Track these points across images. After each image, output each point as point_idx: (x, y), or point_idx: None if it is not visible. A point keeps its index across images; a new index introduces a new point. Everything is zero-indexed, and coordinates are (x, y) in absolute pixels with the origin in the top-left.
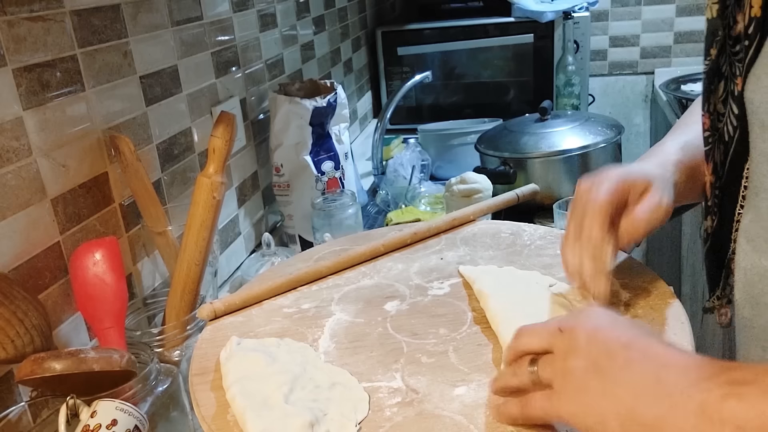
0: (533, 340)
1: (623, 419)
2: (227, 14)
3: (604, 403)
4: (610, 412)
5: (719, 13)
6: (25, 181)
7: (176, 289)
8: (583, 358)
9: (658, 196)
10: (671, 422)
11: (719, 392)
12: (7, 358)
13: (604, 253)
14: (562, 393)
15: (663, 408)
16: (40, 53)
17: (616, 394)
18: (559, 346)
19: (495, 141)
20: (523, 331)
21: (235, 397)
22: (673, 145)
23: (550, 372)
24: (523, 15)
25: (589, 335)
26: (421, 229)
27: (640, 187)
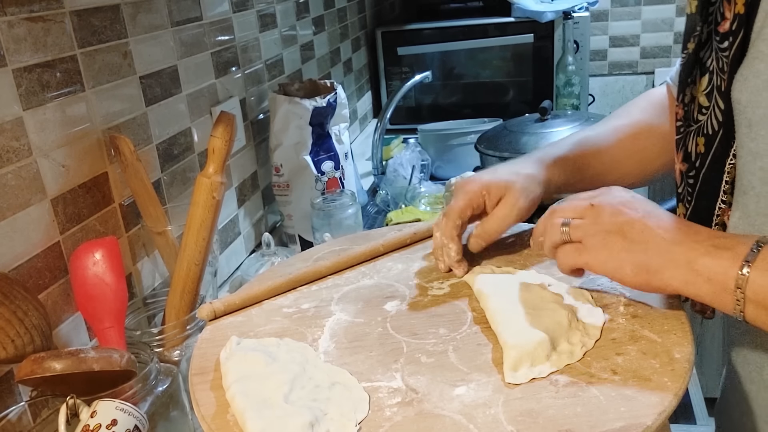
0: (568, 212)
1: (636, 266)
2: (227, 14)
3: (623, 255)
4: (627, 261)
5: (698, 8)
6: (25, 181)
7: (176, 289)
8: (610, 224)
9: (512, 200)
10: (668, 270)
11: (701, 250)
12: (7, 357)
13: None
14: (591, 247)
15: (665, 259)
16: (40, 53)
17: (632, 249)
18: (589, 215)
19: (495, 141)
20: (558, 207)
21: (235, 397)
22: (569, 139)
23: (581, 232)
24: (523, 15)
25: (614, 207)
26: (421, 229)
27: (496, 194)
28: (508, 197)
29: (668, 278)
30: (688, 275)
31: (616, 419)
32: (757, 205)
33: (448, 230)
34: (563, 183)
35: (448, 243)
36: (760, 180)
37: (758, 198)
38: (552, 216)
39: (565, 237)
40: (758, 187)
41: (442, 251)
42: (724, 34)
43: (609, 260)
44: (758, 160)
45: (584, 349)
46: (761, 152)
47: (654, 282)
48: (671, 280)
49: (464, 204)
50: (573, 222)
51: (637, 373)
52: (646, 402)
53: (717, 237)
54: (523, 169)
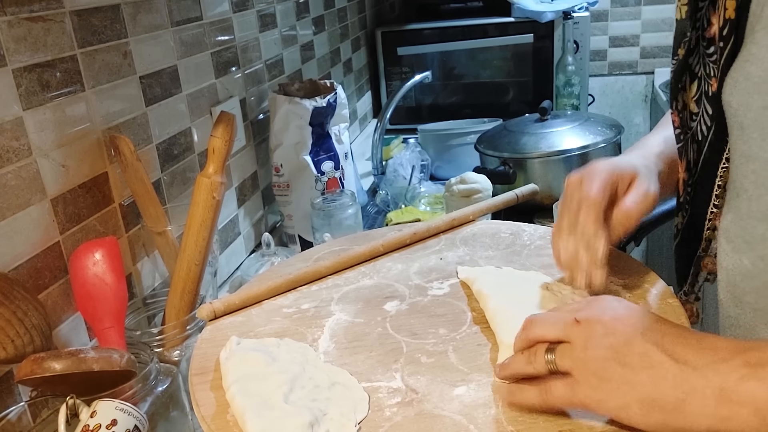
0: (549, 330)
1: (645, 404)
2: (227, 14)
3: (626, 389)
4: (632, 399)
5: (688, 14)
6: (25, 181)
7: (176, 289)
8: (603, 348)
9: (645, 184)
10: (691, 405)
11: (737, 374)
12: (7, 357)
13: (598, 245)
14: (583, 382)
15: (682, 392)
16: (40, 53)
17: (637, 381)
18: (577, 336)
19: (495, 141)
20: (537, 320)
21: (235, 397)
22: (655, 138)
23: (569, 362)
24: (522, 15)
25: (606, 325)
26: (421, 229)
27: (627, 179)
28: (638, 182)
29: (694, 415)
30: (723, 408)
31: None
32: (750, 207)
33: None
34: (665, 180)
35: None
36: (752, 183)
37: (750, 201)
38: (529, 331)
39: (551, 367)
40: (751, 190)
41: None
42: (711, 40)
43: (609, 399)
44: (751, 162)
45: None
46: (753, 155)
47: (674, 422)
48: (699, 418)
49: (603, 188)
50: (559, 348)
51: None
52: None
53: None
54: (637, 161)
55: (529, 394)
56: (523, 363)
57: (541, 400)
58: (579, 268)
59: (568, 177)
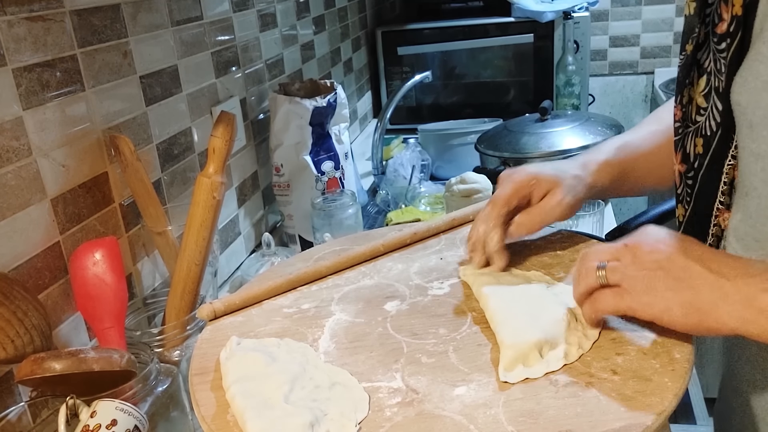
0: (602, 254)
1: (685, 306)
2: (227, 14)
3: (670, 295)
4: (675, 303)
5: (697, 11)
6: (25, 181)
7: (176, 289)
8: (650, 262)
9: (560, 196)
10: (722, 307)
11: (762, 286)
12: (7, 358)
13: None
14: (632, 290)
15: (717, 297)
16: (40, 53)
17: (679, 288)
18: (625, 256)
19: (495, 141)
20: (591, 251)
21: (235, 397)
22: (609, 145)
23: (619, 275)
24: (523, 15)
25: (651, 245)
26: (421, 229)
27: (545, 186)
28: (556, 191)
29: (723, 317)
30: (747, 313)
31: (616, 419)
32: (759, 206)
33: (493, 218)
34: (607, 187)
35: (492, 230)
36: (761, 181)
37: (760, 199)
38: (585, 260)
39: (602, 280)
40: (760, 188)
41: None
42: (722, 36)
43: (655, 302)
44: (760, 161)
45: (580, 351)
46: (762, 153)
47: (707, 322)
48: (727, 319)
49: (511, 192)
50: (609, 264)
51: (637, 373)
52: (646, 402)
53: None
54: (570, 169)
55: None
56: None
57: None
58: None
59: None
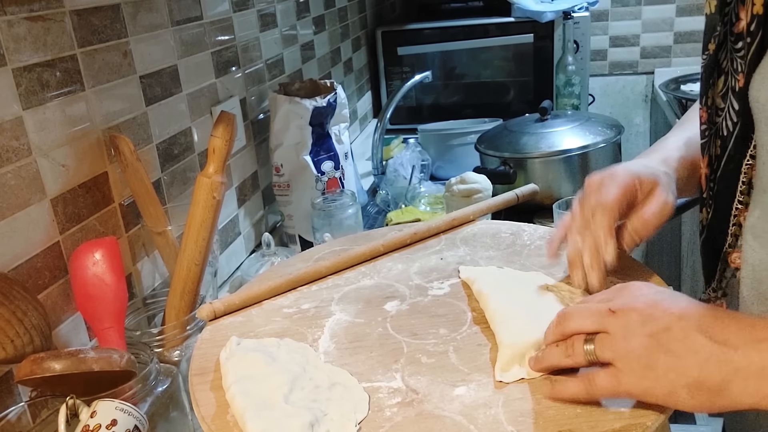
0: (584, 322)
1: (692, 388)
2: (227, 14)
3: (672, 375)
4: (679, 384)
5: (718, 8)
6: (24, 181)
7: (176, 289)
8: (644, 336)
9: (664, 195)
10: (736, 385)
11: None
12: (7, 358)
13: (607, 251)
14: (628, 371)
15: (727, 373)
16: (40, 53)
17: (682, 366)
18: (615, 326)
19: (495, 141)
20: (570, 313)
21: (235, 397)
22: (675, 141)
23: (610, 352)
24: (523, 15)
25: (642, 313)
26: (421, 229)
27: (647, 187)
28: (659, 191)
29: (738, 395)
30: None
31: (616, 419)
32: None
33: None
34: (684, 185)
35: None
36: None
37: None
38: (564, 325)
39: (591, 358)
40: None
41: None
42: (739, 35)
43: (657, 386)
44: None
45: None
46: None
47: (719, 402)
48: (742, 397)
49: (621, 195)
50: (597, 338)
51: None
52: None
53: None
54: (657, 167)
55: (573, 387)
56: (560, 355)
57: (585, 392)
58: (579, 268)
59: (588, 177)
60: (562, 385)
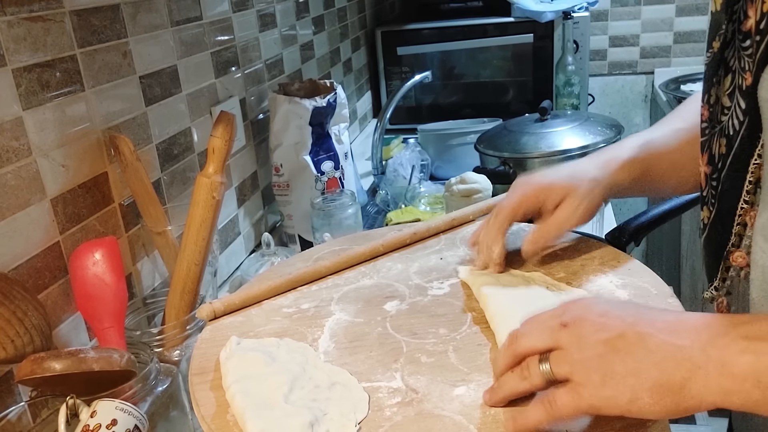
0: (536, 340)
1: (654, 391)
2: (227, 14)
3: (632, 380)
4: (641, 388)
5: (723, 6)
6: (24, 181)
7: (176, 289)
8: (599, 345)
9: (575, 204)
10: (696, 383)
11: (736, 348)
12: (7, 358)
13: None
14: (587, 383)
15: (687, 371)
16: (40, 53)
17: (641, 370)
18: (568, 340)
19: (495, 141)
20: (520, 333)
21: (235, 397)
22: (633, 142)
23: (567, 367)
24: (522, 15)
25: (594, 323)
26: (421, 229)
27: (558, 195)
28: (570, 200)
29: (700, 393)
30: (726, 382)
31: (616, 419)
32: None
33: (493, 230)
34: (627, 186)
35: (492, 245)
36: None
37: None
38: (516, 346)
39: (548, 377)
40: None
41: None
42: (747, 33)
43: (618, 394)
44: None
45: None
46: None
47: (683, 403)
48: (705, 394)
49: (517, 204)
50: (552, 355)
51: None
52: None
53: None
54: (588, 172)
55: (533, 414)
56: (516, 380)
57: (547, 415)
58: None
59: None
60: (522, 416)
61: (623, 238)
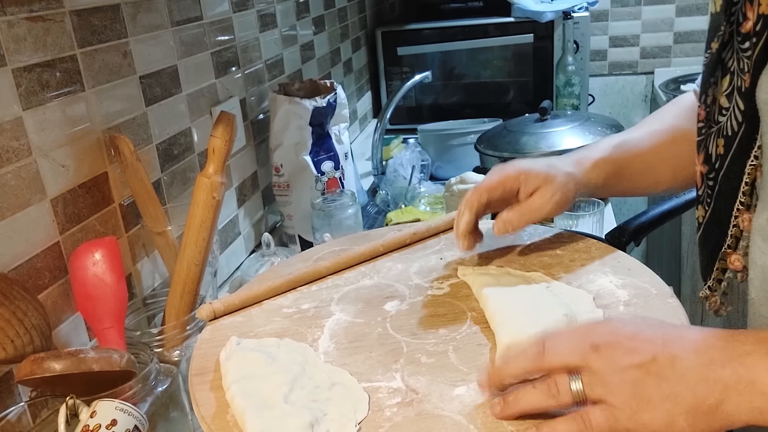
0: (567, 357)
1: (688, 414)
2: (227, 14)
3: (668, 404)
4: (677, 412)
5: (723, 7)
6: (24, 181)
7: (176, 289)
8: (633, 369)
9: (549, 193)
10: (729, 404)
11: (763, 366)
12: (7, 358)
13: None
14: (623, 406)
15: (719, 392)
16: (40, 53)
17: (675, 394)
18: (601, 363)
19: (495, 141)
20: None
21: (235, 397)
22: (607, 142)
23: (601, 389)
24: (522, 15)
25: (625, 346)
26: (421, 229)
27: (534, 182)
28: (545, 188)
29: (733, 413)
30: (757, 401)
31: None
32: None
33: (469, 200)
34: (600, 185)
35: (464, 212)
36: None
37: None
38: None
39: (578, 397)
40: None
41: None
42: (746, 35)
43: (655, 418)
44: None
45: None
46: None
47: (718, 423)
48: (738, 415)
49: (496, 183)
50: (584, 376)
51: None
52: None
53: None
54: (564, 166)
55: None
56: (540, 396)
57: None
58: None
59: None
60: (549, 428)
61: (623, 238)
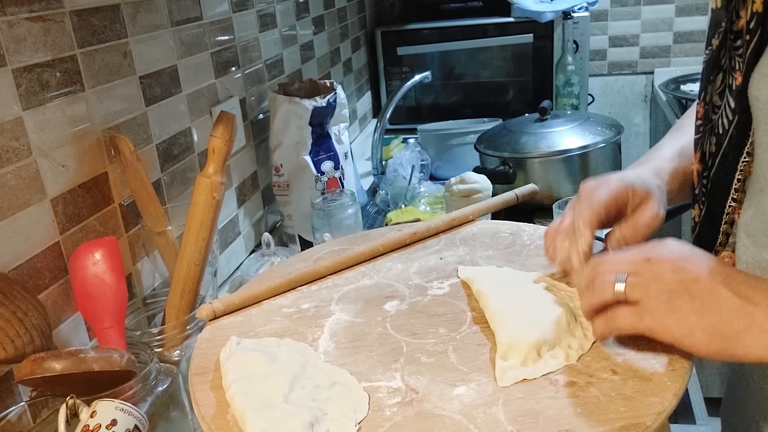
0: (620, 263)
1: (709, 332)
2: (227, 14)
3: (694, 319)
4: (698, 327)
5: (724, 4)
6: (24, 181)
7: (176, 289)
8: (674, 283)
9: (656, 207)
10: (749, 336)
11: None
12: (7, 358)
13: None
14: (653, 310)
15: (744, 324)
16: (40, 53)
17: (704, 312)
18: (648, 271)
19: (494, 141)
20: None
21: (235, 397)
22: (669, 150)
23: (639, 292)
24: (522, 15)
25: (675, 263)
26: (421, 229)
27: (639, 197)
28: (650, 204)
29: (750, 345)
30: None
31: (616, 419)
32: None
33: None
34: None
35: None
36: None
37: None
38: (600, 267)
39: (619, 297)
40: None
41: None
42: (738, 33)
43: (677, 326)
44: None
45: (580, 351)
46: None
47: (731, 349)
48: (754, 347)
49: (612, 199)
50: (629, 279)
51: (637, 373)
52: (646, 402)
53: None
54: (651, 179)
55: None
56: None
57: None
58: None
59: (583, 182)
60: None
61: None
